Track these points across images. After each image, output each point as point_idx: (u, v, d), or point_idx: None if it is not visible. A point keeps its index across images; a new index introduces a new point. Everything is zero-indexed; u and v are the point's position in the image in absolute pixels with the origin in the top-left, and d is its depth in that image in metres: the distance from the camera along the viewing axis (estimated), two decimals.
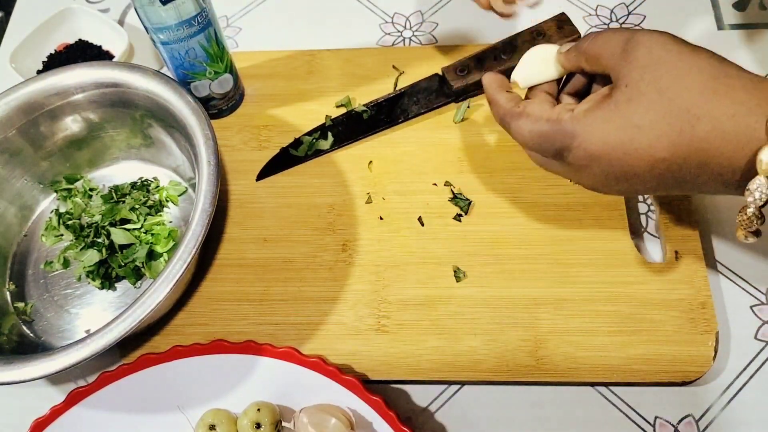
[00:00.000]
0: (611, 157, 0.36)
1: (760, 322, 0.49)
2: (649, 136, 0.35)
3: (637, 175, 0.37)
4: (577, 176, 0.40)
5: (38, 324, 0.52)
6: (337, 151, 0.57)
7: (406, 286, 0.50)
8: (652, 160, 0.35)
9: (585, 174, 0.39)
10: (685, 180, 0.36)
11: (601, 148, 0.37)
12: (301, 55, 0.62)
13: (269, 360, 0.46)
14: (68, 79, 0.53)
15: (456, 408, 0.48)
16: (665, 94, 0.35)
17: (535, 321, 0.48)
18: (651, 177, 0.36)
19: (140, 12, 0.48)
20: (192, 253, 0.44)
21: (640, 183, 0.37)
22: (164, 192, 0.56)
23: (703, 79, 0.35)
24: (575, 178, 0.41)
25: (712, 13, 0.63)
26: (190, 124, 0.49)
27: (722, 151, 0.33)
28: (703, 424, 0.46)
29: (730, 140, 0.33)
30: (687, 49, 0.36)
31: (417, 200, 0.54)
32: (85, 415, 0.46)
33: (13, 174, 0.55)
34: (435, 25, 0.66)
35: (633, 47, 0.37)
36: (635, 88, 0.36)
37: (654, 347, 0.47)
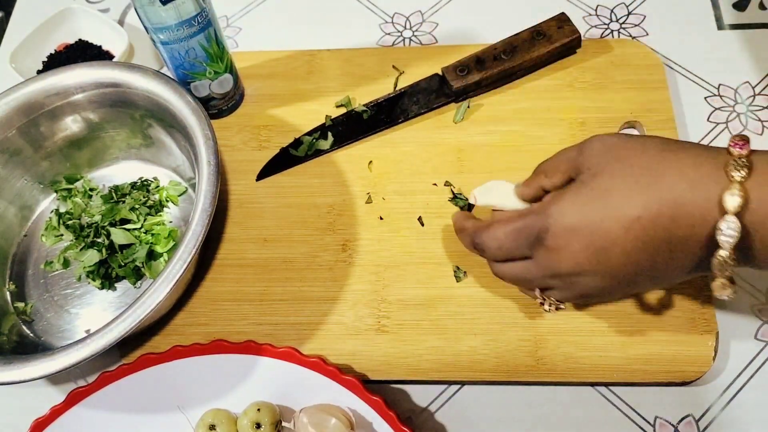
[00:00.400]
0: (589, 225, 0.37)
1: (760, 322, 0.49)
2: (621, 195, 0.36)
3: (616, 243, 0.36)
4: (559, 264, 0.39)
5: (38, 324, 0.52)
6: (337, 151, 0.57)
7: (406, 286, 0.50)
8: (627, 220, 0.36)
9: (566, 256, 0.38)
10: (661, 245, 0.36)
11: (577, 219, 0.37)
12: (301, 55, 0.62)
13: (269, 360, 0.46)
14: (68, 79, 0.53)
15: (456, 408, 0.48)
16: (626, 161, 0.37)
17: (535, 321, 0.48)
18: (630, 244, 0.36)
19: (140, 12, 0.48)
20: (192, 253, 0.44)
21: (621, 255, 0.36)
22: (164, 192, 0.56)
23: (657, 145, 0.37)
24: (558, 269, 0.39)
25: (712, 13, 0.63)
26: (190, 124, 0.49)
27: (692, 199, 0.34)
28: (703, 424, 0.46)
29: (697, 187, 0.34)
30: (635, 136, 0.39)
31: (417, 200, 0.54)
32: (85, 415, 0.46)
33: (13, 174, 0.55)
34: (435, 25, 0.66)
35: (587, 145, 0.39)
36: (598, 167, 0.38)
37: (654, 347, 0.47)
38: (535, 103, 0.57)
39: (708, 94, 0.59)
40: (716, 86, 0.59)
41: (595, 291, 0.40)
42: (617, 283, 0.39)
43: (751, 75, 0.59)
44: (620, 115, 0.56)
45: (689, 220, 0.34)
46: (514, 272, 0.42)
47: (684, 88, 0.59)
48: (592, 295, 0.40)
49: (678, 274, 0.38)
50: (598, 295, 0.40)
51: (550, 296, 0.43)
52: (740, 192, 0.33)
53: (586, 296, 0.41)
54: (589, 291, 0.40)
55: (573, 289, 0.40)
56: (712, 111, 0.58)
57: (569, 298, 0.42)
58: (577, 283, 0.39)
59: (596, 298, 0.43)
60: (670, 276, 0.38)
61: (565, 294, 0.41)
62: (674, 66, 0.61)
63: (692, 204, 0.34)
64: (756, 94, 0.59)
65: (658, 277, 0.38)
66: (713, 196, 0.33)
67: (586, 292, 0.40)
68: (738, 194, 0.33)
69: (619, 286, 0.39)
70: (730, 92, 0.59)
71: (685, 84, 0.60)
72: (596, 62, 0.59)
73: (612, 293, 0.40)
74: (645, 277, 0.38)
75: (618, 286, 0.39)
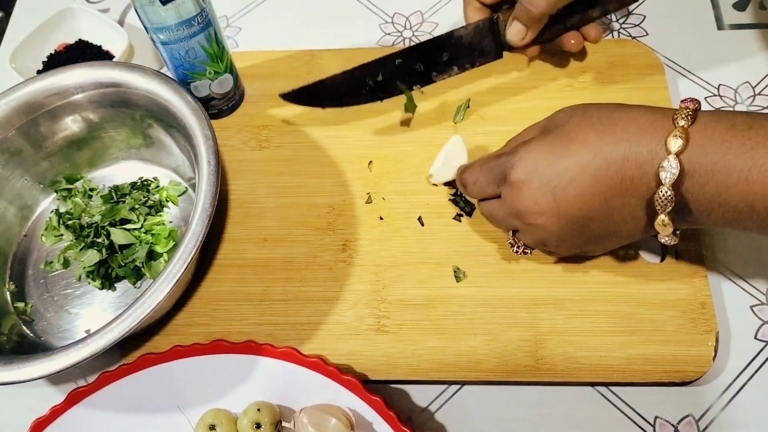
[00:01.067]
0: (549, 166, 0.40)
1: (760, 322, 0.49)
2: (579, 141, 0.40)
3: (572, 182, 0.40)
4: (520, 201, 0.42)
5: (38, 324, 0.52)
6: (336, 151, 0.57)
7: (406, 286, 0.50)
8: (583, 160, 0.39)
9: (526, 194, 0.41)
10: (614, 186, 0.39)
11: (539, 160, 0.41)
12: (301, 55, 0.62)
13: (269, 360, 0.46)
14: (68, 79, 0.53)
15: (456, 408, 0.48)
16: (586, 115, 0.41)
17: (535, 321, 0.48)
18: (585, 183, 0.39)
19: (140, 12, 0.48)
20: (192, 253, 0.44)
21: (577, 195, 0.40)
22: (164, 192, 0.56)
23: (617, 104, 0.41)
24: (519, 206, 0.42)
25: (712, 13, 0.64)
26: (190, 124, 0.49)
27: (641, 141, 0.38)
28: (703, 424, 0.46)
29: (647, 131, 0.38)
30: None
31: (417, 200, 0.54)
32: (85, 415, 0.46)
33: (13, 174, 0.55)
34: (435, 25, 0.66)
35: (555, 112, 0.44)
36: (562, 121, 0.42)
37: (654, 347, 0.47)
38: (535, 103, 0.57)
39: (708, 94, 0.59)
40: (716, 86, 0.59)
41: (552, 235, 0.42)
42: (572, 228, 0.41)
43: (751, 75, 0.59)
44: None
45: (638, 160, 0.38)
46: (488, 209, 0.46)
47: (684, 88, 0.59)
48: (549, 240, 0.43)
49: (630, 226, 0.40)
50: (555, 240, 0.43)
51: (519, 239, 0.46)
52: (683, 135, 0.36)
53: (544, 240, 0.43)
54: (546, 235, 0.43)
55: (533, 231, 0.43)
56: None
57: (533, 242, 0.45)
58: (535, 226, 0.42)
59: (554, 243, 0.43)
60: (624, 227, 0.41)
61: (527, 237, 0.45)
62: (674, 66, 0.61)
63: (641, 145, 0.38)
64: (756, 94, 0.59)
65: (612, 227, 0.41)
66: (660, 138, 0.37)
67: (544, 236, 0.43)
68: (680, 137, 0.36)
69: (574, 230, 0.42)
70: (730, 92, 0.59)
71: (685, 84, 0.60)
72: (596, 62, 0.59)
73: (569, 240, 0.43)
74: (599, 223, 0.41)
75: (573, 230, 0.42)
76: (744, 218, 0.37)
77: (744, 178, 0.35)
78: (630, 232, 0.41)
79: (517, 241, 0.47)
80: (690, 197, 0.37)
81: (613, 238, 0.43)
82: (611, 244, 0.45)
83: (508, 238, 0.48)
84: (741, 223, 0.37)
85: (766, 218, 0.36)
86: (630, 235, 0.42)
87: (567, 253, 0.47)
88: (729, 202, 0.36)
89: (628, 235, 0.42)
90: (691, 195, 0.37)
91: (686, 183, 0.37)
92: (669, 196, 0.37)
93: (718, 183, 0.36)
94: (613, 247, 0.47)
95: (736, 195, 0.36)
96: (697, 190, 0.37)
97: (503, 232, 0.50)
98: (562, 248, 0.45)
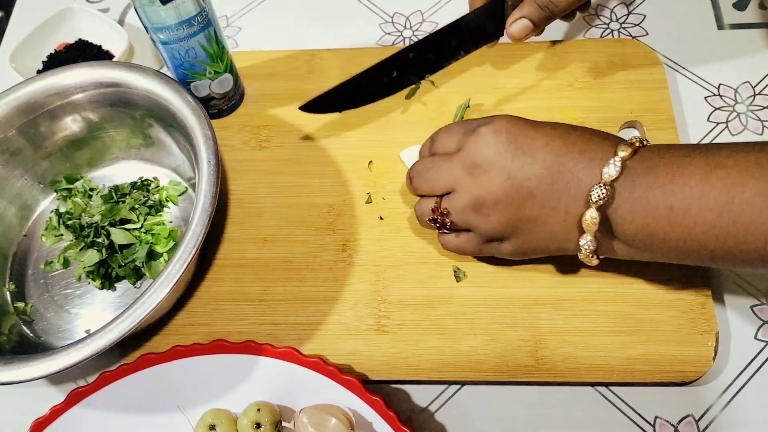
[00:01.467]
0: (522, 127, 0.43)
1: (760, 322, 0.49)
2: (553, 124, 0.44)
3: (536, 150, 0.42)
4: (478, 149, 0.43)
5: (38, 324, 0.52)
6: (336, 151, 0.57)
7: (406, 286, 0.50)
8: (549, 138, 0.42)
9: (492, 142, 0.43)
10: (565, 172, 0.41)
11: (513, 122, 0.44)
12: (301, 55, 0.62)
13: (269, 360, 0.46)
14: (68, 79, 0.53)
15: (456, 408, 0.48)
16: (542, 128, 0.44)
17: (535, 321, 0.48)
18: (545, 156, 0.42)
19: (140, 12, 0.48)
20: (192, 253, 0.44)
21: (534, 164, 0.42)
22: (164, 192, 0.56)
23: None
24: (475, 154, 0.43)
25: (712, 13, 0.63)
26: (190, 124, 0.49)
27: (603, 139, 0.42)
28: (703, 424, 0.46)
29: (606, 139, 0.43)
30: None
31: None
32: (85, 415, 0.46)
33: (13, 174, 0.55)
34: (435, 25, 0.66)
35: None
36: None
37: (654, 347, 0.47)
38: (535, 103, 0.57)
39: (708, 94, 0.59)
40: (716, 86, 0.59)
41: (491, 195, 0.43)
42: (514, 194, 0.42)
43: (751, 75, 0.59)
44: (620, 115, 0.56)
45: (592, 157, 0.41)
46: (437, 159, 0.47)
47: (684, 88, 0.59)
48: (486, 200, 0.43)
49: (560, 218, 0.42)
50: (492, 201, 0.43)
51: (445, 207, 0.46)
52: (632, 147, 0.40)
53: (481, 200, 0.43)
54: (486, 192, 0.43)
55: (475, 186, 0.43)
56: (712, 111, 0.58)
57: (464, 205, 0.44)
58: (482, 180, 0.43)
59: (488, 208, 0.43)
60: (554, 219, 0.42)
61: (464, 196, 0.44)
62: (674, 66, 0.61)
63: (604, 142, 0.42)
64: (756, 94, 0.59)
65: (544, 213, 0.42)
66: (613, 146, 0.41)
67: (483, 195, 0.43)
68: (630, 147, 0.40)
69: (513, 199, 0.42)
70: (730, 92, 0.59)
71: (685, 84, 0.60)
72: (596, 62, 0.59)
73: (502, 209, 0.43)
74: (535, 203, 0.42)
75: (513, 198, 0.42)
76: (663, 224, 0.39)
77: (668, 181, 0.39)
78: (556, 225, 0.42)
79: (443, 209, 0.46)
80: (621, 199, 0.40)
81: (538, 229, 0.43)
82: (532, 237, 0.44)
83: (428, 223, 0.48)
84: (660, 230, 0.39)
85: (682, 222, 0.38)
86: (553, 232, 0.43)
87: (488, 230, 0.45)
88: (651, 205, 0.39)
89: (551, 232, 0.43)
90: (622, 197, 0.40)
91: (621, 183, 0.40)
92: (604, 192, 0.39)
93: (646, 185, 0.39)
94: (529, 246, 0.45)
95: (659, 195, 0.39)
96: (627, 191, 0.40)
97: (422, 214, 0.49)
98: (490, 219, 0.44)
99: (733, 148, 0.38)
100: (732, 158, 0.37)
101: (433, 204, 0.47)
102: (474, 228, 0.46)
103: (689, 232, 0.38)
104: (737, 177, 0.37)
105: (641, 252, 0.42)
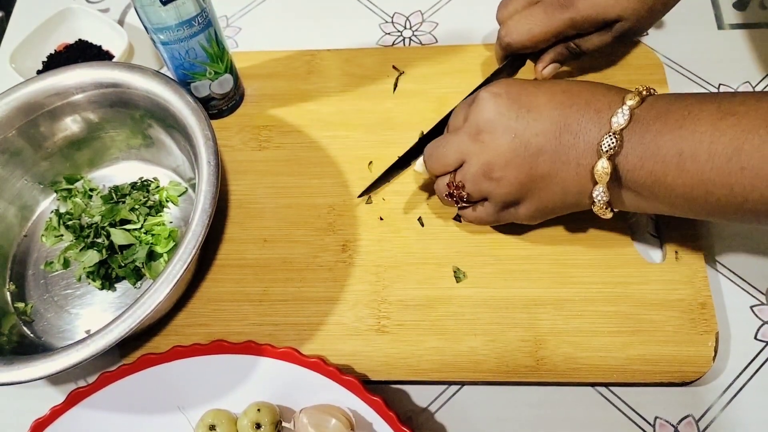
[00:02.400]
0: (522, 87, 0.44)
1: (760, 322, 0.49)
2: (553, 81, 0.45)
3: (539, 106, 0.42)
4: (482, 113, 0.44)
5: (38, 324, 0.52)
6: (336, 151, 0.57)
7: (406, 287, 0.50)
8: (551, 92, 0.43)
9: (494, 104, 0.43)
10: (572, 119, 0.41)
11: (512, 82, 0.44)
12: (301, 55, 0.62)
13: (269, 360, 0.46)
14: (68, 79, 0.53)
15: (456, 408, 0.48)
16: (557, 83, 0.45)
17: (535, 321, 0.48)
18: (549, 112, 0.42)
19: (140, 12, 0.48)
20: (192, 253, 0.44)
21: (538, 120, 0.42)
22: (164, 192, 0.56)
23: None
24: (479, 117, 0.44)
25: (712, 13, 0.63)
26: (190, 124, 0.49)
27: (606, 93, 0.42)
28: (703, 424, 0.46)
29: (610, 89, 0.43)
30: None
31: (417, 200, 0.54)
32: (85, 415, 0.46)
33: (13, 174, 0.55)
34: (435, 25, 0.66)
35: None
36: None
37: (654, 347, 0.47)
38: None
39: None
40: (716, 86, 0.59)
41: (501, 157, 0.43)
42: (523, 153, 0.42)
43: (751, 75, 0.59)
44: None
45: (598, 107, 0.41)
46: (446, 137, 0.47)
47: (684, 88, 0.59)
48: (496, 163, 0.43)
49: (573, 172, 0.42)
50: (503, 162, 0.43)
51: (459, 180, 0.46)
52: (638, 96, 0.41)
53: (491, 164, 0.43)
54: (495, 156, 0.43)
55: (484, 151, 0.44)
56: None
57: (476, 173, 0.44)
58: (489, 143, 0.43)
59: (499, 169, 0.43)
60: (566, 172, 0.42)
61: (474, 164, 0.44)
62: (674, 66, 0.61)
63: (605, 96, 0.42)
64: None
65: (556, 168, 0.42)
66: (621, 95, 0.41)
67: (492, 158, 0.43)
68: (638, 95, 0.41)
69: (524, 157, 0.42)
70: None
71: (685, 84, 0.60)
72: (596, 62, 0.59)
73: (514, 169, 0.43)
74: (546, 159, 0.42)
75: (523, 157, 0.42)
76: (671, 170, 0.39)
77: (678, 126, 0.38)
78: (569, 180, 0.42)
79: (457, 182, 0.46)
80: (630, 146, 0.40)
81: (552, 184, 0.43)
82: (548, 193, 0.44)
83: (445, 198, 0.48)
84: (668, 177, 0.39)
85: (691, 168, 0.38)
86: (567, 185, 0.43)
87: (503, 194, 0.45)
88: (660, 150, 0.39)
89: (565, 186, 0.43)
90: (631, 145, 0.40)
91: (630, 130, 0.40)
92: (614, 140, 0.40)
93: (655, 131, 0.39)
94: (545, 205, 0.45)
95: (668, 141, 0.39)
96: (637, 139, 0.40)
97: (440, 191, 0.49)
98: (502, 182, 0.44)
99: (747, 95, 0.38)
100: (744, 105, 0.37)
101: (448, 180, 0.47)
102: (489, 195, 0.46)
103: (698, 179, 0.38)
104: (748, 124, 0.36)
105: (649, 201, 0.42)
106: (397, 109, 0.58)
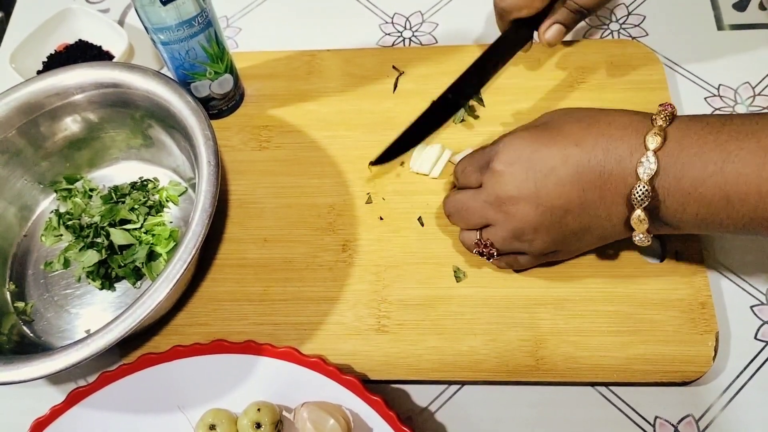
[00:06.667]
0: (532, 154, 0.42)
1: (760, 322, 0.49)
2: (564, 134, 0.42)
3: (554, 170, 0.41)
4: (501, 186, 0.43)
5: (38, 324, 0.52)
6: (336, 151, 0.57)
7: (406, 286, 0.50)
8: (566, 150, 0.41)
9: (508, 179, 0.42)
10: (593, 179, 0.40)
11: (523, 147, 0.42)
12: (301, 55, 0.62)
13: (269, 360, 0.46)
14: (68, 80, 0.53)
15: (456, 408, 0.48)
16: (572, 114, 0.43)
17: (535, 321, 0.48)
18: (566, 173, 0.41)
19: (140, 12, 0.48)
20: (192, 253, 0.44)
21: (557, 184, 0.41)
22: (164, 192, 0.56)
23: (599, 108, 0.43)
24: (499, 191, 0.43)
25: (712, 13, 0.64)
26: (190, 124, 0.49)
27: (622, 137, 0.39)
28: (703, 424, 0.46)
29: (627, 128, 0.40)
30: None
31: (417, 200, 0.54)
32: (85, 415, 0.46)
33: (13, 174, 0.55)
34: (435, 25, 0.66)
35: (541, 115, 0.46)
36: (546, 116, 0.45)
37: (654, 347, 0.47)
38: (535, 103, 0.57)
39: (708, 94, 0.59)
40: (716, 86, 0.59)
41: (528, 225, 0.43)
42: (550, 218, 0.42)
43: (751, 75, 0.60)
44: None
45: (618, 155, 0.39)
46: (463, 198, 0.46)
47: (684, 88, 0.59)
48: (524, 230, 0.43)
49: (605, 222, 0.42)
50: (531, 230, 0.43)
51: (487, 238, 0.46)
52: (660, 133, 0.38)
53: (518, 232, 0.44)
54: (522, 224, 0.43)
55: (509, 220, 0.44)
56: (712, 111, 0.58)
57: (505, 237, 0.45)
58: (514, 214, 0.43)
59: (529, 234, 0.43)
60: (598, 222, 0.42)
61: (499, 230, 0.45)
62: (674, 66, 0.61)
63: (622, 141, 0.39)
64: (756, 94, 0.59)
65: (587, 221, 0.42)
66: (639, 136, 0.39)
67: (519, 226, 0.43)
68: (659, 135, 0.38)
69: (551, 221, 0.42)
70: (730, 92, 0.59)
71: (685, 84, 0.60)
72: (596, 62, 0.59)
73: (543, 232, 0.43)
74: (575, 217, 0.42)
75: (550, 221, 0.42)
76: (719, 212, 0.37)
77: (719, 170, 0.36)
78: (604, 228, 0.42)
79: (485, 240, 0.46)
80: (666, 192, 0.38)
81: (587, 235, 0.43)
82: (584, 243, 0.45)
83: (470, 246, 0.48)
84: (716, 217, 0.38)
85: (741, 210, 0.37)
86: (603, 233, 0.43)
87: (537, 251, 0.45)
88: (704, 196, 0.37)
89: (601, 234, 0.43)
90: (667, 190, 0.38)
91: (663, 178, 0.38)
92: (646, 191, 0.38)
93: (694, 177, 0.37)
94: (584, 249, 0.47)
95: (711, 187, 0.37)
96: (673, 184, 0.38)
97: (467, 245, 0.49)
98: (535, 243, 0.44)
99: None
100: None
101: (475, 237, 0.47)
102: (523, 251, 0.46)
103: (749, 217, 0.37)
104: None
105: (693, 229, 0.41)
106: (397, 109, 0.58)
